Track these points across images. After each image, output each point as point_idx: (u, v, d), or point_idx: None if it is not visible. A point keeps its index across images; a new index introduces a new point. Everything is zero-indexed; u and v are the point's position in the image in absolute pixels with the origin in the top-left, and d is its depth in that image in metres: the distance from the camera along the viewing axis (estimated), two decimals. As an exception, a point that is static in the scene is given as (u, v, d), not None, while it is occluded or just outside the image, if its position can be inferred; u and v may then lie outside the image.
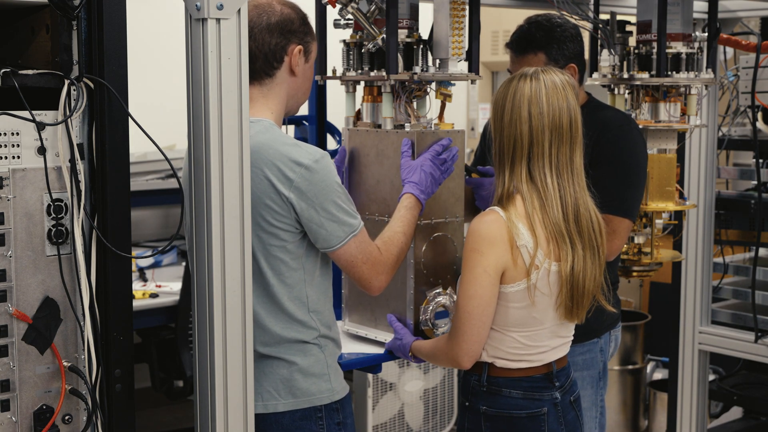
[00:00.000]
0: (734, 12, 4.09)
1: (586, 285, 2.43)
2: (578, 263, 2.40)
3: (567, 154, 2.41)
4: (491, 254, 2.38)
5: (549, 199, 2.39)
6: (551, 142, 2.39)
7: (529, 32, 3.09)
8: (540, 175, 2.39)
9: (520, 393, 2.50)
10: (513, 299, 2.42)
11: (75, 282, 2.09)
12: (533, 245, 2.37)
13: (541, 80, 2.40)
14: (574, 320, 2.49)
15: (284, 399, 2.37)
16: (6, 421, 2.04)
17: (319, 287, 2.41)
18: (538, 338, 2.49)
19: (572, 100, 2.41)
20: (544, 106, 2.38)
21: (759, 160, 4.15)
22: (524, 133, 2.39)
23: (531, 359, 2.50)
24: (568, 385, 2.58)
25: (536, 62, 3.02)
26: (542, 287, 2.40)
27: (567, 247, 2.39)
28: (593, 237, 2.44)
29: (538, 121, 2.38)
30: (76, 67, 2.08)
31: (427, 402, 4.86)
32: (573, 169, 2.42)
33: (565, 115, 2.39)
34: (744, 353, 4.15)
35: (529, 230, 2.38)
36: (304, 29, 2.45)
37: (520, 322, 2.45)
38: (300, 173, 2.29)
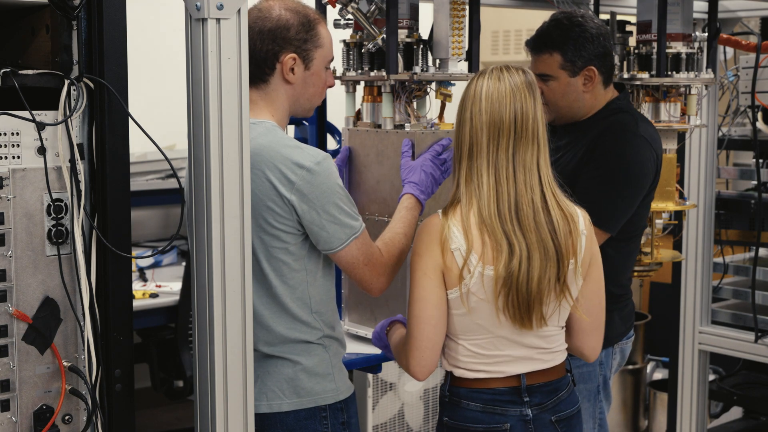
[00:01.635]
0: (734, 12, 4.09)
1: (531, 287, 2.29)
2: (517, 264, 2.27)
3: (508, 151, 2.31)
4: (428, 257, 2.31)
5: (482, 199, 2.30)
6: (489, 139, 2.31)
7: (546, 31, 2.98)
8: (477, 174, 2.32)
9: (479, 406, 2.38)
10: (453, 306, 2.33)
11: (75, 282, 2.09)
12: (466, 249, 2.28)
13: (485, 78, 2.34)
14: (526, 327, 2.32)
15: (289, 399, 2.37)
16: (6, 421, 2.04)
17: (321, 288, 2.41)
18: (491, 347, 2.36)
19: (522, 100, 2.32)
20: (483, 104, 2.32)
21: (759, 160, 4.15)
22: (465, 135, 2.33)
23: (488, 369, 2.38)
24: (551, 404, 2.41)
25: (551, 62, 2.93)
26: (478, 292, 2.29)
27: (503, 249, 2.28)
28: (551, 237, 2.31)
29: (477, 119, 2.32)
30: (76, 67, 2.08)
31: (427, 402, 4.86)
32: (516, 166, 2.32)
33: (508, 112, 2.31)
34: (744, 353, 4.15)
35: (463, 234, 2.29)
36: (303, 36, 2.40)
37: (464, 330, 2.35)
38: (301, 175, 2.29)
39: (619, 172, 2.87)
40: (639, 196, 2.93)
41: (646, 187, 2.94)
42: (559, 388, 2.45)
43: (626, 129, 2.95)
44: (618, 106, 3.03)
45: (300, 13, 2.42)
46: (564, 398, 2.45)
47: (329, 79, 2.52)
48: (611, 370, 3.13)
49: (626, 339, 3.17)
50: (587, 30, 2.94)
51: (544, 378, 2.42)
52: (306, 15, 2.42)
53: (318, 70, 2.45)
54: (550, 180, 2.36)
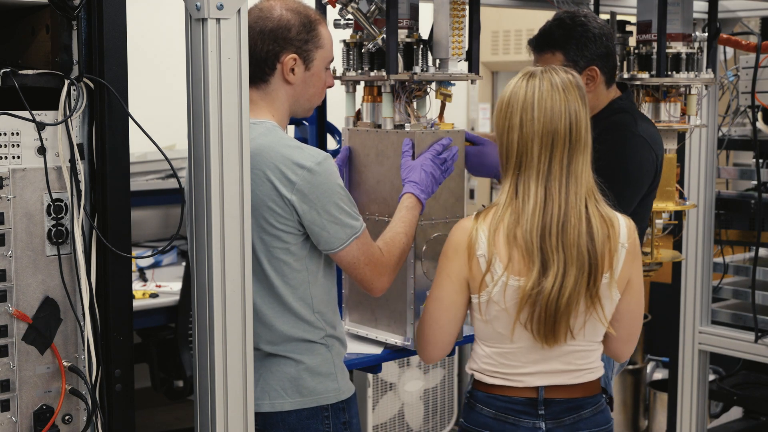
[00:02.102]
0: (734, 12, 4.09)
1: (561, 305, 2.21)
2: (551, 282, 2.20)
3: (562, 162, 2.23)
4: (455, 260, 2.30)
5: (525, 211, 2.22)
6: (541, 150, 2.22)
7: (549, 30, 2.98)
8: (525, 186, 2.24)
9: (492, 412, 2.36)
10: (476, 310, 2.32)
11: (75, 282, 2.09)
12: (488, 256, 2.23)
13: (536, 81, 2.25)
14: (549, 343, 2.27)
15: (291, 398, 2.37)
16: (6, 421, 2.04)
17: (322, 288, 2.41)
18: (511, 356, 2.32)
19: (574, 102, 2.24)
20: (535, 112, 2.22)
21: (759, 160, 4.15)
22: (514, 142, 2.25)
23: (508, 378, 2.34)
24: (569, 420, 2.35)
25: (554, 62, 2.91)
26: (499, 302, 2.26)
27: (534, 264, 2.21)
28: (588, 250, 2.23)
29: (528, 128, 2.23)
30: (76, 67, 2.08)
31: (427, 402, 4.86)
32: (569, 176, 2.24)
33: (562, 119, 2.22)
34: (744, 353, 4.15)
35: (488, 241, 2.24)
36: (304, 37, 2.41)
37: (486, 336, 2.34)
38: (302, 176, 2.29)
39: (618, 171, 2.86)
40: (637, 196, 2.92)
41: (645, 187, 2.94)
42: (583, 407, 2.37)
43: (625, 129, 2.94)
44: (620, 106, 3.02)
45: (301, 13, 2.42)
46: (586, 417, 2.38)
47: (329, 80, 2.52)
48: (613, 371, 3.12)
49: None
50: (590, 30, 2.94)
51: (566, 394, 2.35)
52: (307, 15, 2.42)
53: (318, 71, 2.45)
54: (593, 186, 2.29)
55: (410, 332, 2.74)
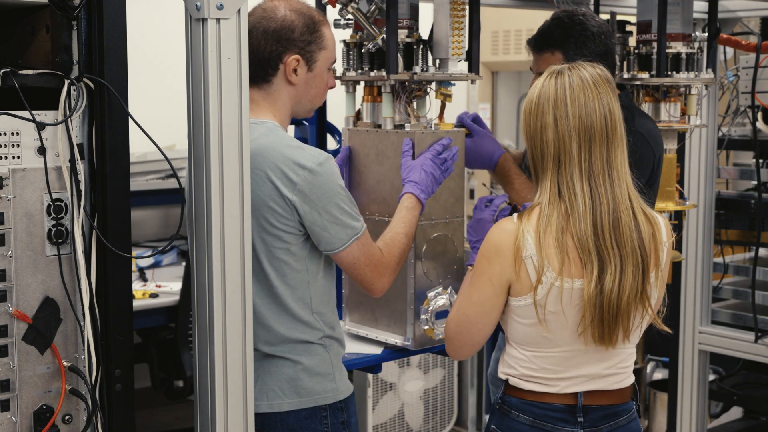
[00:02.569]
0: (734, 12, 4.09)
1: (622, 304, 2.18)
2: (610, 281, 2.16)
3: (602, 156, 2.19)
4: (497, 264, 2.22)
5: (576, 213, 2.17)
6: (581, 146, 2.18)
7: (547, 30, 2.97)
8: (568, 185, 2.19)
9: (529, 419, 2.30)
10: (519, 314, 2.25)
11: (75, 282, 2.09)
12: (538, 259, 2.18)
13: (566, 78, 2.21)
14: (606, 344, 2.22)
15: (289, 398, 2.37)
16: (6, 421, 2.04)
17: (322, 288, 2.41)
18: (555, 362, 2.26)
19: (606, 96, 2.21)
20: (569, 108, 2.18)
21: (759, 160, 4.15)
22: (550, 141, 2.20)
23: (547, 383, 2.29)
24: (606, 428, 2.32)
25: (553, 61, 2.89)
26: (552, 306, 2.20)
27: (593, 265, 2.16)
28: (638, 246, 2.20)
29: (563, 125, 2.18)
30: (76, 67, 2.08)
31: (427, 402, 4.86)
32: (611, 172, 2.20)
33: (597, 114, 2.19)
34: (744, 353, 4.15)
35: (536, 242, 2.18)
36: (307, 38, 2.41)
37: (528, 340, 2.27)
38: (303, 176, 2.29)
39: None
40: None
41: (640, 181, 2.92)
42: (619, 414, 2.35)
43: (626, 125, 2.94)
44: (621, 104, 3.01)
45: (305, 14, 2.42)
46: (623, 425, 2.35)
47: (330, 81, 2.52)
48: None
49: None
50: (588, 28, 2.93)
51: (604, 400, 2.32)
52: (311, 16, 2.42)
53: (320, 72, 2.45)
54: (632, 182, 2.26)
55: (410, 332, 2.74)
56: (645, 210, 2.26)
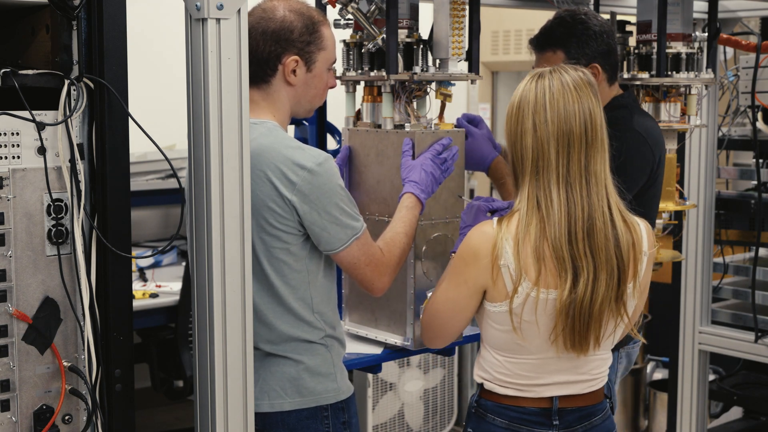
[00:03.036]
0: (734, 12, 4.09)
1: (593, 313, 2.16)
2: (582, 289, 2.14)
3: (580, 162, 2.17)
4: (473, 267, 2.21)
5: (552, 220, 2.15)
6: (558, 152, 2.16)
7: (550, 29, 2.96)
8: (545, 191, 2.17)
9: (505, 422, 2.30)
10: (495, 319, 2.24)
11: (75, 282, 2.09)
12: (515, 268, 2.16)
13: (546, 82, 2.19)
14: (579, 352, 2.22)
15: (291, 398, 2.37)
16: (6, 421, 2.04)
17: (322, 288, 2.41)
18: (529, 369, 2.27)
19: (588, 100, 2.19)
20: (548, 113, 2.16)
21: (759, 160, 4.15)
22: (528, 147, 2.18)
23: (522, 388, 2.29)
24: (581, 428, 2.32)
25: (555, 60, 2.90)
26: (526, 315, 2.19)
27: (567, 274, 2.14)
28: (615, 254, 2.17)
29: (542, 130, 2.16)
30: (76, 67, 2.08)
31: (427, 402, 4.86)
32: (589, 177, 2.17)
33: (577, 118, 2.16)
34: (744, 353, 4.15)
35: (515, 251, 2.16)
36: (306, 38, 2.40)
37: (502, 346, 2.27)
38: (303, 176, 2.29)
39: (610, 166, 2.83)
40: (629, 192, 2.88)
41: (639, 182, 2.90)
42: (594, 414, 2.35)
43: (619, 123, 2.89)
44: (619, 103, 3.00)
45: (304, 14, 2.41)
46: (597, 424, 2.35)
47: (331, 81, 2.52)
48: (617, 374, 3.09)
49: (633, 344, 3.11)
50: (591, 27, 2.93)
51: (579, 402, 2.33)
52: (310, 17, 2.42)
53: (320, 72, 2.45)
54: (613, 188, 2.23)
55: (410, 332, 2.74)
56: (626, 217, 2.24)
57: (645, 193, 2.92)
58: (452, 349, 3.02)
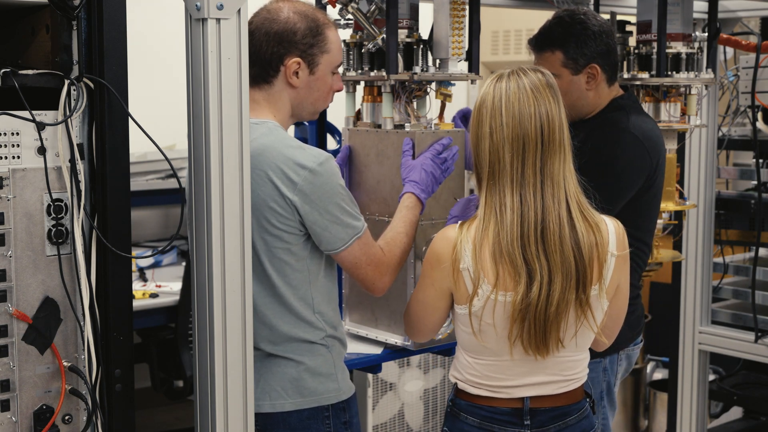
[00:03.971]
0: (734, 12, 4.09)
1: (550, 315, 2.16)
2: (536, 291, 2.14)
3: (535, 165, 2.16)
4: (437, 271, 2.25)
5: (505, 224, 2.16)
6: (513, 156, 2.16)
7: (548, 29, 2.96)
8: (500, 195, 2.17)
9: (477, 421, 2.32)
10: (461, 321, 2.27)
11: (75, 282, 2.09)
12: (474, 271, 2.17)
13: (504, 84, 2.19)
14: (541, 354, 2.21)
15: (292, 398, 2.37)
16: (6, 421, 2.04)
17: (323, 288, 2.41)
18: (497, 370, 2.28)
19: (545, 103, 2.18)
20: (503, 117, 2.16)
21: (759, 160, 4.15)
22: (485, 151, 2.19)
23: (493, 389, 2.31)
24: (554, 429, 2.32)
25: (553, 60, 2.91)
26: (486, 317, 2.21)
27: (521, 276, 2.15)
28: (573, 255, 2.16)
29: (498, 135, 2.16)
30: (76, 67, 2.08)
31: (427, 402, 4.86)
32: (545, 180, 2.17)
33: (532, 122, 2.16)
34: (744, 353, 4.15)
35: (473, 255, 2.18)
36: (309, 41, 2.39)
37: (471, 348, 2.30)
38: (304, 176, 2.29)
39: (604, 168, 2.81)
40: (624, 194, 2.86)
41: (635, 185, 2.88)
42: (569, 413, 2.35)
43: (615, 125, 2.90)
44: (618, 104, 2.99)
45: (309, 17, 2.40)
46: (572, 424, 2.35)
47: (336, 84, 2.50)
48: (616, 376, 3.07)
49: (633, 345, 3.10)
50: (589, 27, 2.92)
51: (552, 403, 2.33)
52: (315, 19, 2.41)
53: (323, 75, 2.44)
54: (576, 189, 2.22)
55: (410, 332, 2.74)
56: (588, 217, 2.22)
57: (643, 195, 2.90)
58: (452, 349, 3.01)
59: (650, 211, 2.97)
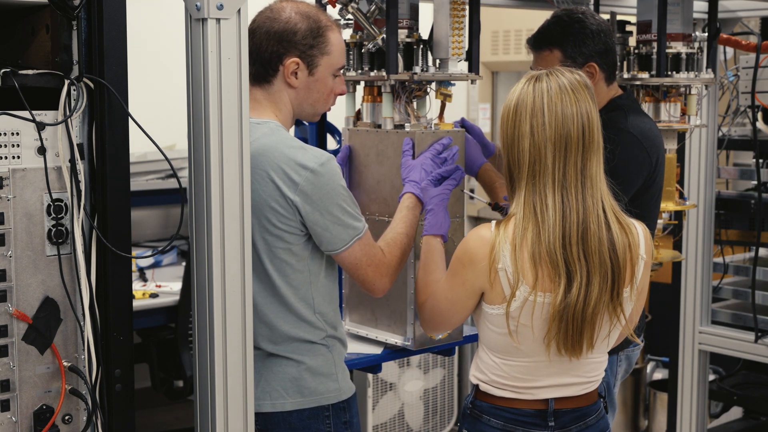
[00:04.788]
0: (734, 12, 4.09)
1: (586, 316, 2.16)
2: (575, 293, 2.14)
3: (576, 166, 2.16)
4: (470, 271, 2.22)
5: (546, 225, 2.14)
6: (555, 156, 2.14)
7: (546, 28, 2.96)
8: (541, 197, 2.16)
9: (500, 423, 2.30)
10: (492, 321, 2.24)
11: (75, 282, 2.09)
12: (513, 272, 2.16)
13: (544, 84, 2.17)
14: (574, 355, 2.21)
15: (292, 398, 2.38)
16: (6, 421, 2.04)
17: (324, 288, 2.41)
18: (525, 372, 2.27)
19: (585, 103, 2.18)
20: (545, 116, 2.15)
21: (759, 160, 4.15)
22: (525, 150, 2.16)
23: (518, 390, 2.29)
24: (576, 429, 2.33)
25: (552, 59, 2.90)
26: (524, 319, 2.19)
27: (560, 279, 2.14)
28: (609, 256, 2.17)
29: (540, 134, 2.15)
30: (76, 67, 2.08)
31: (427, 402, 4.86)
32: (585, 181, 2.17)
33: (575, 121, 2.15)
34: (744, 353, 4.15)
35: (512, 255, 2.16)
36: (309, 42, 2.39)
37: (500, 349, 2.27)
38: (305, 177, 2.29)
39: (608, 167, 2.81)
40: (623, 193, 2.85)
41: (634, 185, 2.88)
42: (588, 414, 2.36)
43: (612, 125, 2.86)
44: (616, 104, 2.99)
45: (311, 18, 2.40)
46: (591, 424, 2.36)
47: (338, 87, 2.49)
48: (616, 377, 3.08)
49: (633, 347, 3.10)
50: (587, 26, 2.92)
51: (574, 404, 2.33)
52: (317, 21, 2.40)
53: (323, 77, 2.44)
54: (607, 190, 2.22)
55: (410, 332, 2.74)
56: (621, 219, 2.23)
57: (642, 195, 2.90)
58: (452, 349, 3.02)
59: (650, 213, 2.97)
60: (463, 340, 2.87)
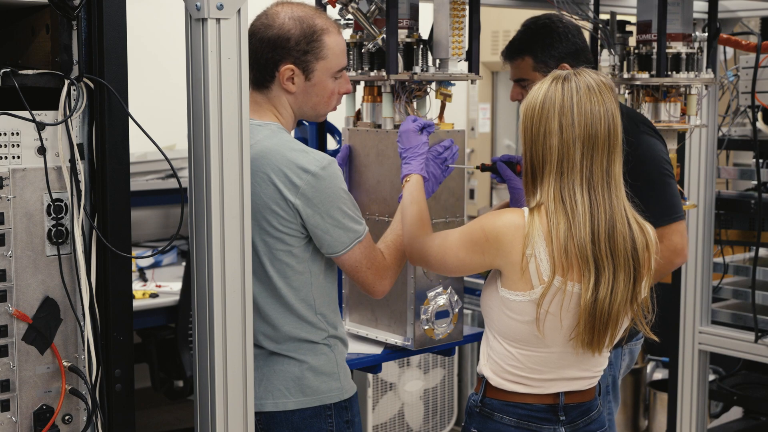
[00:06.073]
0: (734, 12, 4.09)
1: (612, 313, 2.19)
2: (603, 290, 2.17)
3: (603, 165, 2.19)
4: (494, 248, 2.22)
5: (576, 221, 2.17)
6: (583, 154, 2.17)
7: (515, 38, 3.02)
8: (569, 192, 2.18)
9: (514, 420, 2.31)
10: (514, 309, 2.24)
11: (75, 282, 2.09)
12: (549, 261, 2.18)
13: (573, 84, 2.20)
14: (594, 350, 2.24)
15: (295, 397, 2.38)
16: (6, 421, 2.04)
17: (324, 289, 2.41)
18: (541, 362, 2.28)
19: (610, 103, 2.20)
20: (575, 115, 2.17)
21: (759, 160, 4.14)
22: (553, 147, 2.18)
23: (530, 384, 2.31)
24: (582, 423, 2.35)
25: (524, 67, 2.95)
26: (553, 308, 2.20)
27: (590, 274, 2.17)
28: (632, 256, 2.20)
29: (569, 132, 2.17)
30: (76, 67, 2.08)
31: (427, 402, 4.86)
32: (610, 181, 2.20)
33: (602, 121, 2.18)
34: (744, 353, 4.15)
35: (547, 246, 2.18)
36: (303, 48, 2.37)
37: (518, 337, 2.27)
38: (306, 180, 2.29)
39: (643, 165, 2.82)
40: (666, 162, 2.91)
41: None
42: (591, 408, 2.39)
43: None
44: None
45: (305, 22, 2.38)
46: (595, 418, 2.40)
47: (342, 87, 2.48)
48: (620, 371, 3.12)
49: (636, 340, 3.14)
50: (554, 30, 2.97)
51: (580, 398, 2.36)
52: (311, 25, 2.39)
53: (320, 81, 2.42)
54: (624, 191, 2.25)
55: (410, 332, 2.74)
56: (638, 219, 2.26)
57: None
58: (452, 349, 3.02)
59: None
60: (463, 340, 2.87)
